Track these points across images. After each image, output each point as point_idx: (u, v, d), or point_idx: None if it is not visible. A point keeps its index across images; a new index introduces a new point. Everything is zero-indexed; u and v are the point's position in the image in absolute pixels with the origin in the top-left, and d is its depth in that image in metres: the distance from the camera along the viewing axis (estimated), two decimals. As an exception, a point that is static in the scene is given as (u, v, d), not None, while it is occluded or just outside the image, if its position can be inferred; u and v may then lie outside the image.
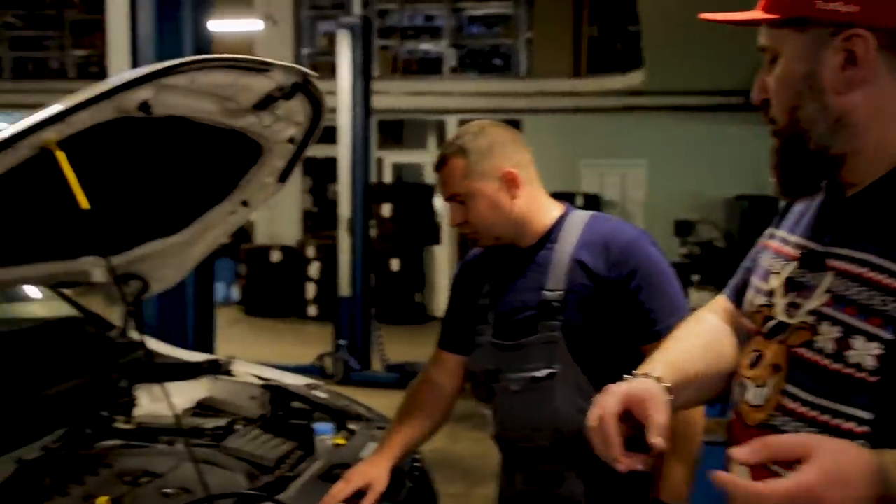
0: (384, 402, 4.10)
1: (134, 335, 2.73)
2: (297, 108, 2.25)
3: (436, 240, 11.44)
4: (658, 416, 1.08)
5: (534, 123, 10.78)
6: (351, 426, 2.41)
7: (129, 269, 2.54)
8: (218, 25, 9.77)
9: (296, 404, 2.48)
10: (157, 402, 2.47)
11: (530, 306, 1.85)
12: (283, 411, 2.45)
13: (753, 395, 1.14)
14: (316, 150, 10.91)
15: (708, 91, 9.82)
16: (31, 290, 2.96)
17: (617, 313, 1.80)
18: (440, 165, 1.95)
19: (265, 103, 2.10)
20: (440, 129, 12.20)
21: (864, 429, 1.00)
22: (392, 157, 12.23)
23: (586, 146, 11.11)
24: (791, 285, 1.13)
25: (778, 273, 1.16)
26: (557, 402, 1.81)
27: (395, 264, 10.72)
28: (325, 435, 2.31)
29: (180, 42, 3.54)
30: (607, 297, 1.80)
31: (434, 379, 2.06)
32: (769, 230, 1.29)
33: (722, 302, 1.40)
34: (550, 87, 11.06)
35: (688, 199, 10.53)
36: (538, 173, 1.95)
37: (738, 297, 1.35)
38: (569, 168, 10.93)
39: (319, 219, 12.11)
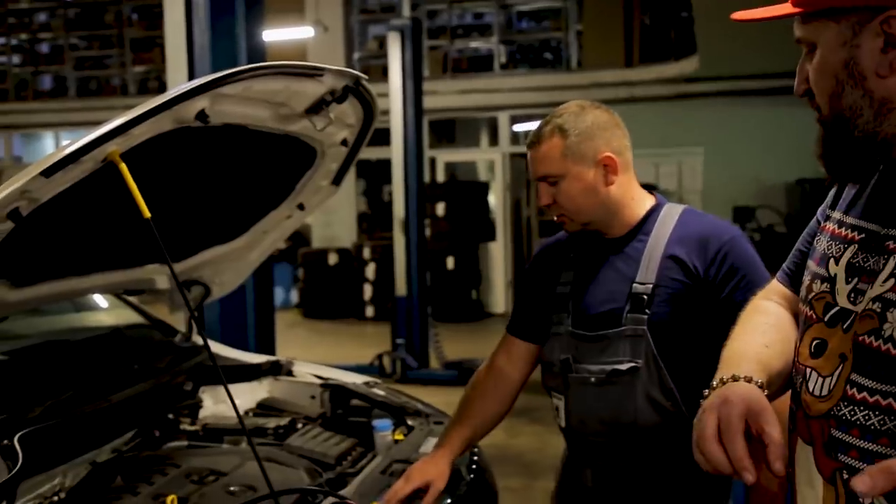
0: (442, 399, 4.12)
1: (197, 339, 2.81)
2: (348, 110, 2.29)
3: (491, 236, 11.44)
4: (775, 433, 1.04)
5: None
6: (410, 422, 2.44)
7: (190, 275, 2.62)
8: (270, 34, 9.93)
9: (355, 402, 2.52)
10: (221, 404, 2.54)
11: (618, 298, 1.81)
12: (342, 409, 2.49)
13: (817, 384, 1.12)
14: (369, 153, 10.90)
15: (762, 74, 9.59)
16: (99, 299, 3.06)
17: (707, 311, 1.76)
18: (535, 143, 1.87)
19: (317, 107, 2.13)
20: (492, 126, 12.19)
21: None
22: (445, 156, 12.26)
23: (641, 136, 10.91)
24: (852, 270, 1.10)
25: (837, 257, 1.13)
26: (637, 396, 1.77)
27: (450, 262, 10.75)
28: (385, 431, 2.34)
29: (235, 52, 3.62)
30: (700, 295, 1.77)
31: (499, 367, 1.99)
32: (824, 211, 1.27)
33: (777, 288, 1.38)
34: (603, 79, 10.95)
35: (746, 186, 10.32)
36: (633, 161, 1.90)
37: (792, 282, 1.33)
38: (623, 159, 10.77)
39: (375, 220, 12.22)
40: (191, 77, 3.61)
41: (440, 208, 10.73)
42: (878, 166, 1.12)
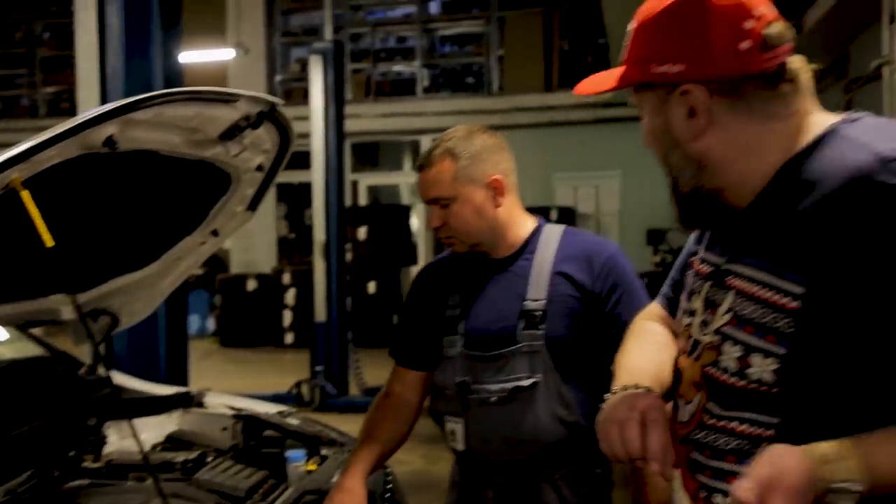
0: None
1: (102, 372, 2.71)
2: (264, 136, 2.26)
3: (413, 260, 11.45)
4: (656, 437, 1.15)
5: (508, 139, 10.65)
6: (324, 451, 2.40)
7: (97, 304, 2.53)
8: (190, 56, 9.78)
9: (268, 433, 2.47)
10: (128, 439, 2.45)
11: (509, 316, 1.84)
12: (255, 440, 2.44)
13: (682, 412, 1.21)
14: (290, 176, 10.79)
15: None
16: None
17: (596, 324, 1.83)
18: (425, 166, 1.90)
19: (231, 133, 2.10)
20: (415, 149, 12.25)
21: (772, 432, 1.09)
22: (367, 180, 12.26)
23: (560, 159, 11.20)
24: (706, 304, 1.19)
25: (698, 292, 1.22)
26: (539, 411, 1.80)
27: (371, 287, 10.69)
28: (298, 462, 2.30)
29: (150, 75, 3.54)
30: (590, 309, 1.84)
31: (396, 392, 2.02)
32: (692, 245, 1.36)
33: (658, 311, 1.47)
34: (523, 103, 11.16)
35: (660, 209, 10.60)
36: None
37: (670, 307, 1.42)
38: (543, 181, 11.00)
39: (296, 245, 12.08)
40: (103, 100, 3.51)
41: (362, 232, 10.68)
42: (719, 211, 1.20)
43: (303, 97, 10.50)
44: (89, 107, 3.52)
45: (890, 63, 3.54)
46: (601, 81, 1.23)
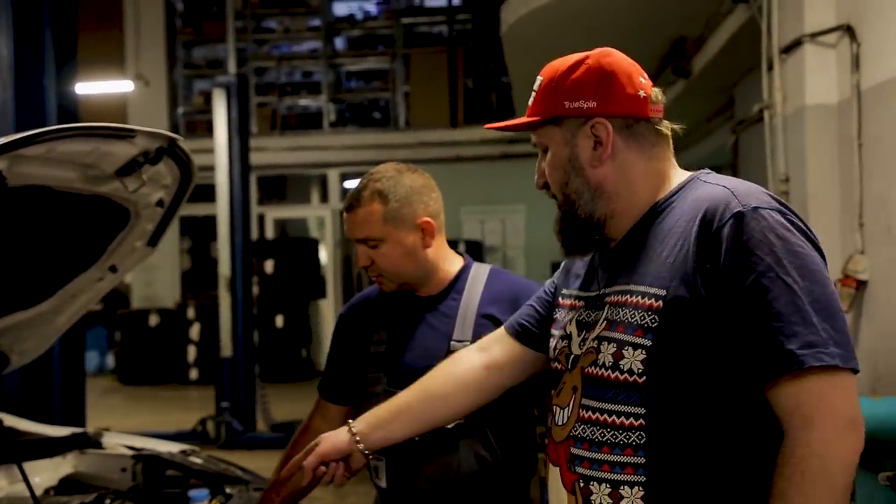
0: (270, 464, 3.99)
1: (-7, 412, 2.60)
2: (164, 171, 2.24)
3: (321, 293, 11.37)
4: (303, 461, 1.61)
5: (414, 175, 10.96)
6: (228, 490, 2.37)
7: (-13, 343, 2.44)
8: (87, 88, 9.53)
9: (170, 472, 2.42)
10: (18, 483, 2.36)
11: (435, 354, 1.80)
12: (156, 481, 2.38)
13: (559, 416, 1.39)
14: (194, 209, 10.63)
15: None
16: None
17: None
18: (354, 207, 1.87)
19: (129, 169, 2.08)
20: (323, 183, 12.22)
21: (641, 422, 1.25)
22: (274, 213, 12.13)
23: (467, 194, 11.37)
24: (580, 326, 1.40)
25: (571, 319, 1.44)
26: (461, 451, 1.80)
27: (279, 321, 10.56)
28: (201, 502, 2.26)
29: (43, 108, 3.46)
30: None
31: (316, 427, 1.97)
32: (555, 286, 1.60)
33: (501, 336, 1.68)
34: (430, 138, 11.31)
35: (565, 243, 10.92)
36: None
37: (519, 336, 1.64)
38: (450, 215, 11.04)
39: (200, 279, 11.81)
40: (-7, 132, 3.40)
41: (269, 265, 10.56)
42: (596, 243, 1.43)
43: (207, 130, 10.35)
44: (-22, 140, 3.41)
45: (770, 107, 3.78)
46: (517, 119, 1.45)
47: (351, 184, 12.39)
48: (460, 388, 1.70)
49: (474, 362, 1.66)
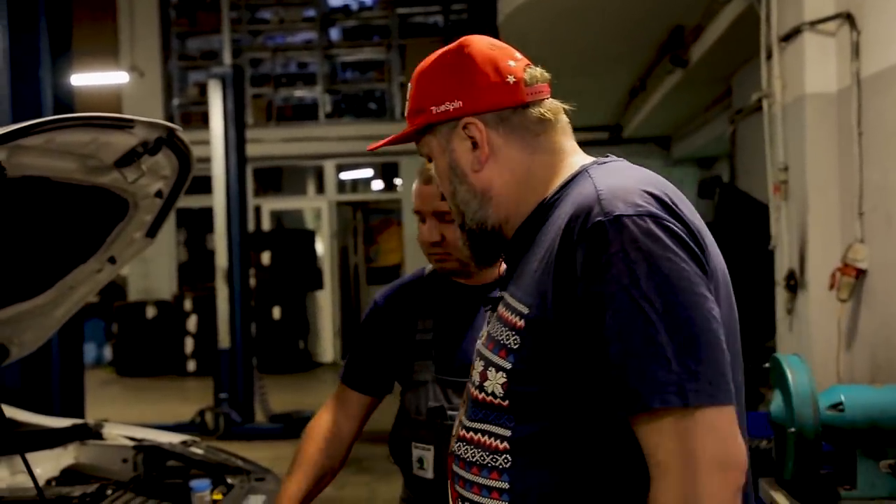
0: (268, 454, 4.01)
1: (-7, 404, 2.60)
2: (162, 162, 2.23)
3: (318, 285, 11.36)
4: None
5: (410, 165, 10.96)
6: (229, 480, 2.37)
7: (-14, 335, 2.44)
8: (82, 80, 9.49)
9: (171, 463, 2.42)
10: (20, 474, 2.36)
11: None
12: (157, 471, 2.38)
13: (456, 427, 1.30)
14: (191, 201, 10.64)
15: (575, 127, 10.25)
16: None
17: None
18: (431, 180, 1.80)
19: (128, 159, 2.07)
20: (319, 174, 12.19)
21: (506, 445, 1.16)
22: (271, 204, 12.11)
23: (463, 186, 11.34)
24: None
25: (488, 323, 1.32)
26: None
27: (276, 312, 10.56)
28: (202, 492, 2.25)
29: (39, 99, 3.44)
30: None
31: (332, 420, 1.91)
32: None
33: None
34: (425, 130, 11.27)
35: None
36: None
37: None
38: (447, 208, 11.07)
39: (196, 271, 11.79)
40: (-11, 123, 3.39)
41: (266, 257, 10.55)
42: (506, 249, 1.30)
43: (202, 121, 10.33)
44: (-26, 132, 3.39)
45: (769, 96, 3.77)
46: (394, 135, 1.35)
47: (347, 175, 12.37)
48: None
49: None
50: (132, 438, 2.60)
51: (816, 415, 2.16)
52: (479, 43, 1.27)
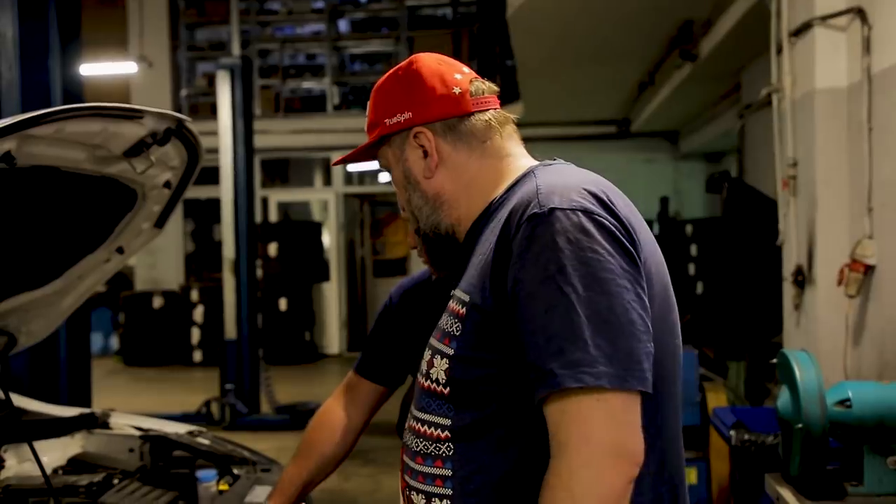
0: (274, 445, 4.03)
1: (1, 394, 2.61)
2: (171, 152, 2.23)
3: (325, 277, 11.37)
4: None
5: (418, 159, 10.94)
6: (235, 471, 2.38)
7: (-6, 323, 2.44)
8: (90, 69, 9.49)
9: (177, 453, 2.43)
10: (27, 462, 2.37)
11: None
12: (163, 461, 2.39)
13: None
14: (198, 192, 10.64)
15: (581, 122, 10.25)
16: None
17: None
18: None
19: (137, 149, 2.07)
20: (326, 166, 12.19)
21: (447, 434, 1.21)
22: (278, 196, 12.11)
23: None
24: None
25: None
26: None
27: (283, 304, 10.57)
28: (209, 482, 2.27)
29: (48, 89, 3.44)
30: None
31: (340, 409, 1.91)
32: None
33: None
34: (433, 122, 11.24)
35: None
36: None
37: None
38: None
39: (203, 261, 11.82)
40: (-2, 114, 3.39)
41: (272, 248, 10.56)
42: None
43: (210, 112, 10.34)
44: (-16, 121, 3.40)
45: (778, 91, 3.75)
46: (355, 149, 1.43)
47: (354, 167, 12.36)
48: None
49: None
50: (138, 428, 2.61)
51: (824, 411, 2.15)
52: (427, 59, 1.36)
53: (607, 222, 1.13)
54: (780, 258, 3.87)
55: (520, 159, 1.34)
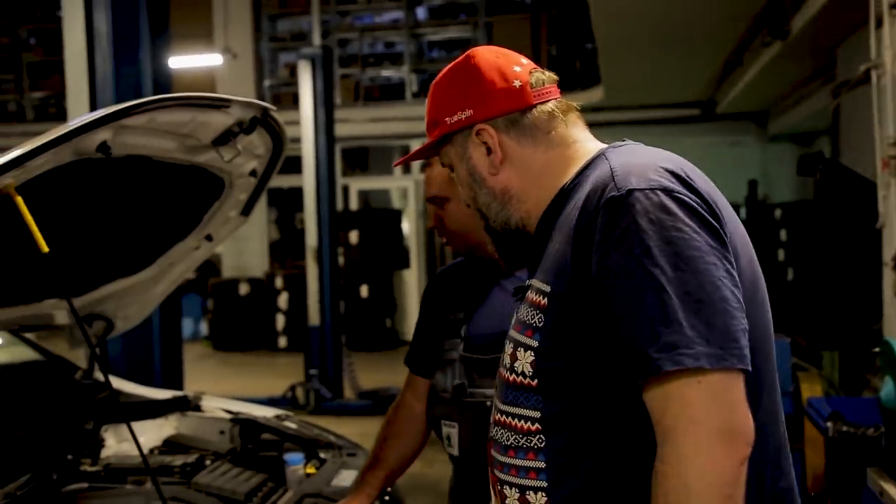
0: (357, 430, 4.08)
1: (99, 376, 2.71)
2: (257, 141, 2.27)
3: (405, 264, 11.45)
4: None
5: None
6: (322, 455, 2.41)
7: (92, 309, 2.54)
8: (177, 62, 9.77)
9: (266, 436, 2.47)
10: (125, 442, 2.45)
11: (510, 320, 1.79)
12: (252, 444, 2.44)
13: (493, 412, 1.32)
14: (281, 181, 10.81)
15: (661, 105, 10.01)
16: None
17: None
18: (426, 164, 1.89)
19: (225, 138, 2.11)
20: (405, 153, 12.22)
21: (538, 426, 1.19)
22: (358, 184, 12.24)
23: (549, 164, 11.20)
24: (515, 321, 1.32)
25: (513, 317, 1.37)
26: None
27: (364, 291, 10.70)
28: (296, 465, 2.30)
29: (139, 81, 3.55)
30: None
31: (408, 404, 1.96)
32: None
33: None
34: (512, 108, 11.16)
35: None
36: None
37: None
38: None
39: (287, 249, 12.06)
40: (92, 105, 3.51)
41: (353, 236, 10.68)
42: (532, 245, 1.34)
43: (292, 102, 10.49)
44: (78, 113, 3.52)
45: (878, 66, 3.57)
46: (417, 149, 1.42)
47: (433, 154, 12.38)
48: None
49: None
50: (228, 411, 2.68)
51: (931, 403, 2.04)
52: (485, 53, 1.33)
53: (689, 199, 1.11)
54: (879, 243, 3.69)
55: (587, 143, 1.31)
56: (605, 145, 1.30)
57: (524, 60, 1.33)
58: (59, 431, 2.36)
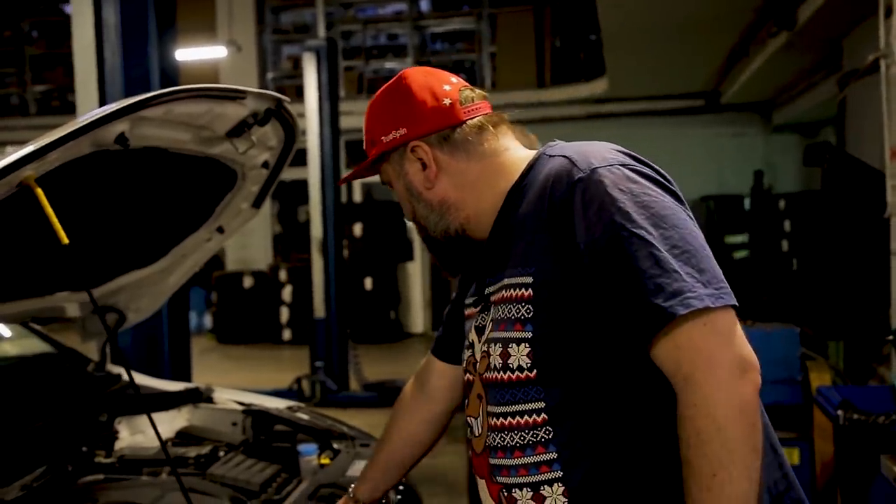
0: (363, 422, 4.07)
1: (111, 368, 2.72)
2: (270, 133, 2.27)
3: (409, 256, 11.46)
4: None
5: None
6: (335, 445, 2.42)
7: (105, 301, 2.54)
8: (182, 54, 9.75)
9: (278, 427, 2.48)
10: (138, 434, 2.46)
11: None
12: (265, 435, 2.45)
13: (475, 427, 1.35)
14: (284, 174, 10.86)
15: (666, 96, 9.99)
16: (1, 328, 2.93)
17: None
18: None
19: (239, 130, 2.11)
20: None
21: (543, 417, 1.21)
22: (361, 177, 12.23)
23: (553, 156, 11.18)
24: (478, 332, 1.37)
25: (470, 328, 1.41)
26: None
27: (368, 283, 10.71)
28: (310, 455, 2.31)
29: (147, 73, 3.55)
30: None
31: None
32: (458, 300, 1.57)
33: (429, 361, 1.70)
34: (516, 99, 11.15)
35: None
36: None
37: (444, 352, 1.66)
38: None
39: (290, 242, 12.07)
40: (101, 98, 3.51)
41: (357, 229, 10.69)
42: (472, 251, 1.39)
43: (295, 95, 10.49)
44: (88, 105, 3.52)
45: (887, 56, 3.56)
46: (356, 167, 1.48)
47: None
48: (428, 427, 1.79)
49: (419, 403, 1.72)
50: (240, 403, 2.68)
51: (945, 392, 2.04)
52: (416, 74, 1.39)
53: (645, 170, 1.23)
54: (886, 232, 3.68)
55: (518, 151, 1.38)
56: (536, 150, 1.38)
57: (454, 79, 1.40)
58: (73, 423, 2.37)
